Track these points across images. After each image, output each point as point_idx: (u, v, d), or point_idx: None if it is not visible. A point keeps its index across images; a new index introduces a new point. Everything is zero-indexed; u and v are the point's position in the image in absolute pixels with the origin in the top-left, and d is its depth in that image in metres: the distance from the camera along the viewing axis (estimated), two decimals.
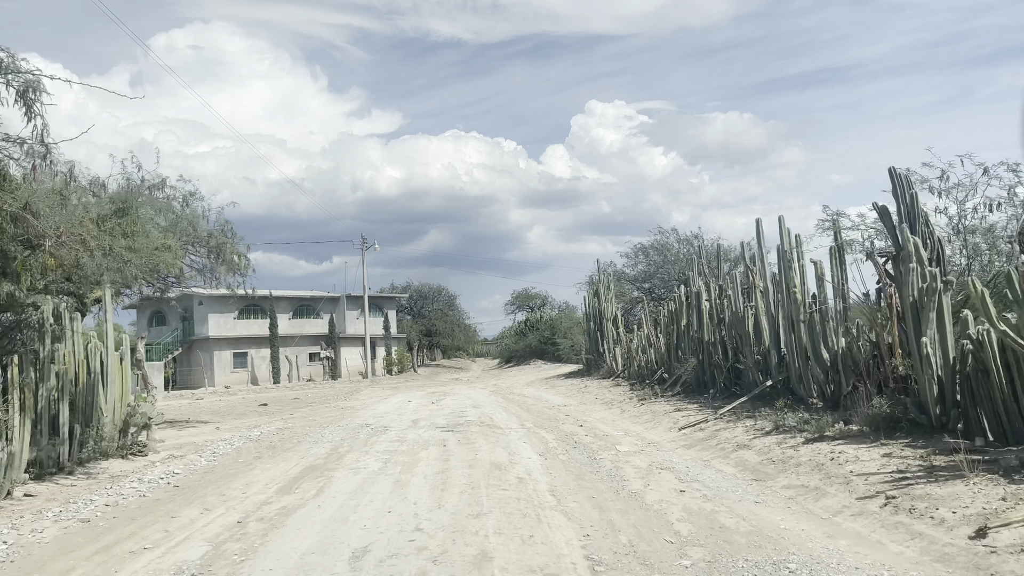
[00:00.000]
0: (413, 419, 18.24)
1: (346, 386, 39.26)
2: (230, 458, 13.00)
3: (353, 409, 22.50)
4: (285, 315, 50.48)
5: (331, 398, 28.29)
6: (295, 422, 19.21)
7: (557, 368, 47.93)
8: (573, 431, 15.26)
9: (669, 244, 34.45)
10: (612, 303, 30.97)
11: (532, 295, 67.58)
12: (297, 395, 31.24)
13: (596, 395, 22.99)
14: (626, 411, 17.89)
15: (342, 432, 16.06)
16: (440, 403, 23.53)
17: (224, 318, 47.63)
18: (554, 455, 11.97)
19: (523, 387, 31.82)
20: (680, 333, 20.19)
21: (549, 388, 29.28)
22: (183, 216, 18.00)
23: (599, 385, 26.20)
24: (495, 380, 41.70)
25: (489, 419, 17.86)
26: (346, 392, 31.79)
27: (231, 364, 47.48)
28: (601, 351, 30.70)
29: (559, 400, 23.34)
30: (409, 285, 61.65)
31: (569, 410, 19.91)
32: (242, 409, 24.53)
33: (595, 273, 35.89)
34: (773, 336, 14.19)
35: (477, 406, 21.86)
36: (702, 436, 12.54)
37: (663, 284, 34.66)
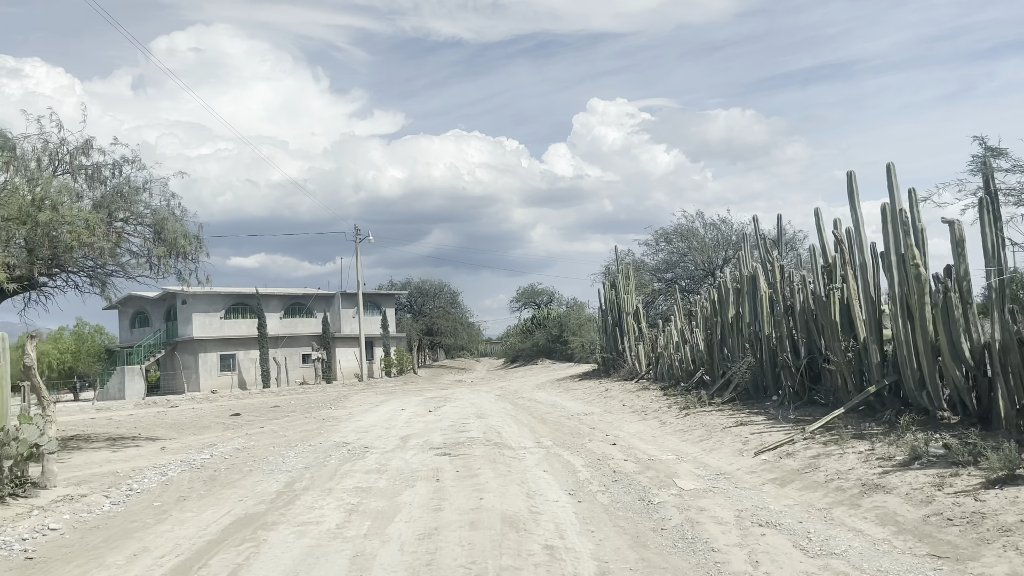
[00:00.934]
0: (403, 435, 14.72)
1: (338, 390, 35.76)
2: (147, 499, 9.50)
3: (335, 420, 18.99)
4: (276, 314, 47.03)
5: (316, 405, 24.80)
6: (261, 439, 15.71)
7: (568, 368, 44.38)
8: (606, 452, 11.73)
9: (694, 230, 30.85)
10: (632, 295, 27.42)
11: (538, 291, 64.00)
12: (279, 402, 27.76)
13: (622, 401, 19.43)
14: (667, 423, 14.32)
15: (310, 455, 12.54)
16: (438, 411, 20.02)
17: (210, 318, 44.19)
18: (590, 496, 8.45)
19: (533, 390, 28.29)
20: (726, 327, 16.63)
21: (563, 392, 25.73)
22: (116, 186, 14.48)
23: (622, 388, 22.64)
24: (501, 382, 38.16)
25: (496, 434, 14.34)
26: (334, 398, 28.32)
27: (217, 367, 44.04)
28: (621, 349, 27.18)
29: (578, 407, 19.80)
30: (409, 282, 58.20)
31: (593, 420, 16.38)
32: (209, 420, 21.06)
33: (612, 262, 32.35)
34: (873, 326, 10.62)
35: (481, 415, 18.34)
36: (795, 465, 8.98)
37: (687, 274, 31.05)
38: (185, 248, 14.97)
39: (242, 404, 27.54)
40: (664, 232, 32.47)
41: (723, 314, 16.77)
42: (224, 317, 44.96)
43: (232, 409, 25.07)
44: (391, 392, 31.26)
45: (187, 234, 15.00)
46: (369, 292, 50.88)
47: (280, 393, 35.30)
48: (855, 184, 10.96)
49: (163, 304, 45.76)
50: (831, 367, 11.15)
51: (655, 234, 32.66)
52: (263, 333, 43.76)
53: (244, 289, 45.96)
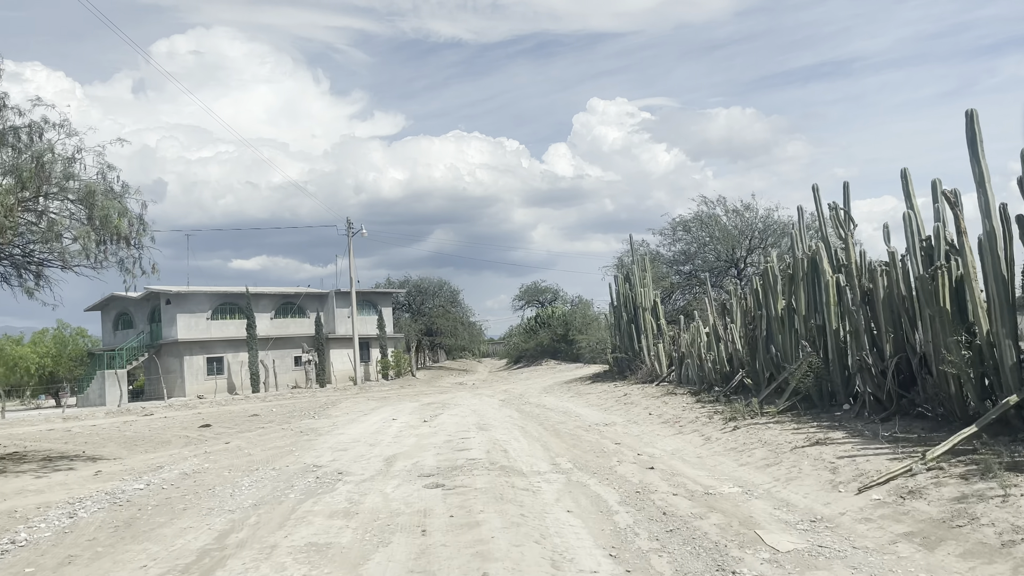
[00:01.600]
0: (389, 455, 12.03)
1: (329, 395, 33.06)
2: (19, 563, 6.84)
3: (315, 434, 16.30)
4: (266, 314, 44.36)
5: (299, 413, 22.11)
6: (220, 459, 13.02)
7: (575, 369, 41.67)
8: (645, 480, 9.05)
9: (716, 217, 28.00)
10: (649, 289, 24.71)
11: (542, 289, 61.23)
12: (261, 409, 25.05)
13: (647, 408, 16.72)
14: (712, 438, 11.61)
15: (268, 485, 9.86)
16: (435, 421, 17.34)
17: (195, 319, 41.53)
18: (643, 561, 5.78)
19: (540, 394, 25.60)
20: (773, 321, 13.91)
21: (575, 396, 23.03)
22: (36, 152, 11.79)
23: (643, 393, 19.93)
24: (505, 384, 35.47)
25: (502, 452, 11.66)
26: (322, 404, 25.62)
27: (204, 371, 41.37)
28: (637, 349, 24.47)
29: (596, 415, 17.11)
30: (407, 280, 55.36)
31: (617, 433, 13.68)
32: (174, 433, 18.38)
33: (625, 253, 29.58)
34: (1006, 315, 7.91)
35: (484, 427, 15.66)
36: (934, 513, 6.28)
37: (707, 266, 28.24)
38: (122, 230, 12.26)
39: (219, 412, 24.85)
40: (682, 220, 29.75)
41: (770, 306, 14.05)
42: (211, 318, 42.30)
43: (207, 418, 22.38)
44: (385, 397, 28.58)
45: (125, 212, 12.30)
46: (364, 290, 48.20)
47: (267, 398, 32.60)
48: (977, 126, 8.24)
49: (147, 305, 43.10)
50: (946, 368, 8.41)
51: (672, 223, 29.86)
52: (252, 334, 41.09)
53: (232, 288, 43.32)
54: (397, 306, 56.00)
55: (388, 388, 36.69)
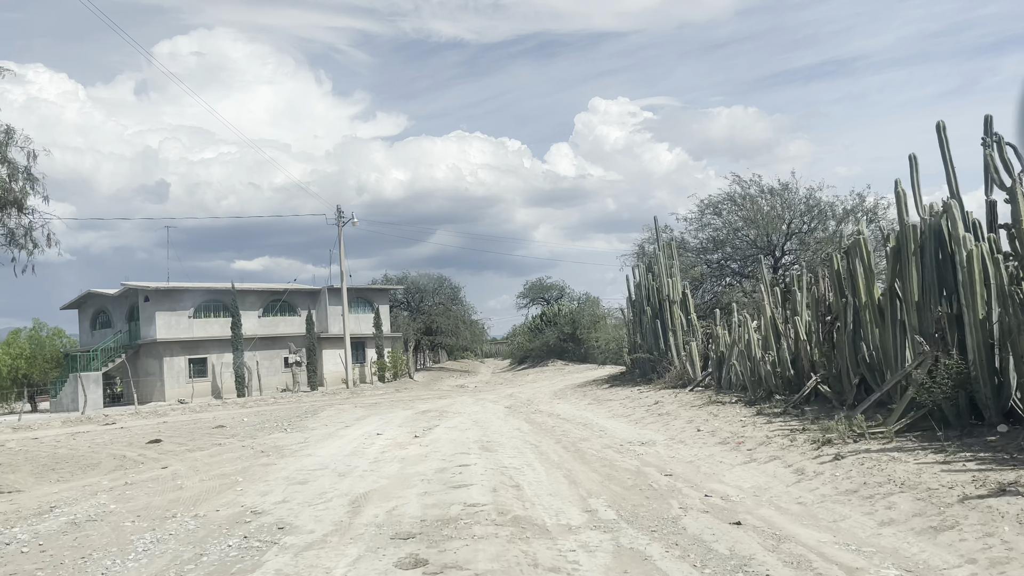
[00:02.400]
0: (358, 494, 8.72)
1: (316, 400, 29.76)
2: None
3: (278, 453, 13.01)
4: (253, 312, 41.08)
5: (272, 424, 18.80)
6: (134, 497, 9.73)
7: (586, 370, 38.36)
8: (736, 546, 5.77)
9: (752, 197, 24.44)
10: (678, 279, 21.37)
11: (547, 285, 57.82)
12: (231, 419, 21.71)
13: (690, 420, 13.39)
14: (805, 470, 8.28)
15: (166, 555, 6.59)
16: (427, 437, 14.06)
17: (176, 317, 38.26)
18: None
19: (551, 400, 22.29)
20: (869, 311, 10.58)
21: (593, 403, 19.70)
22: None
23: (677, 400, 16.60)
24: (510, 388, 32.16)
25: (514, 491, 8.38)
26: (304, 412, 22.30)
27: (186, 373, 38.08)
28: (664, 348, 21.14)
29: (626, 429, 13.79)
30: (405, 276, 51.99)
31: (661, 457, 10.37)
32: (110, 452, 15.09)
33: (648, 239, 26.15)
34: None
35: (488, 446, 12.37)
36: None
37: (740, 255, 24.79)
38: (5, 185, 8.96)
39: (184, 422, 21.55)
40: (711, 202, 26.41)
41: (859, 292, 10.71)
42: (194, 316, 39.02)
43: (167, 430, 19.11)
44: (375, 404, 25.25)
45: (5, 160, 9.00)
46: (359, 287, 44.95)
47: (247, 404, 29.28)
48: None
49: (125, 302, 39.87)
50: None
51: (700, 205, 26.45)
52: (237, 334, 37.81)
53: (217, 284, 40.06)
54: (395, 304, 52.74)
55: (382, 392, 33.38)
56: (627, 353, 27.97)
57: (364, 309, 45.05)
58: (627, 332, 27.59)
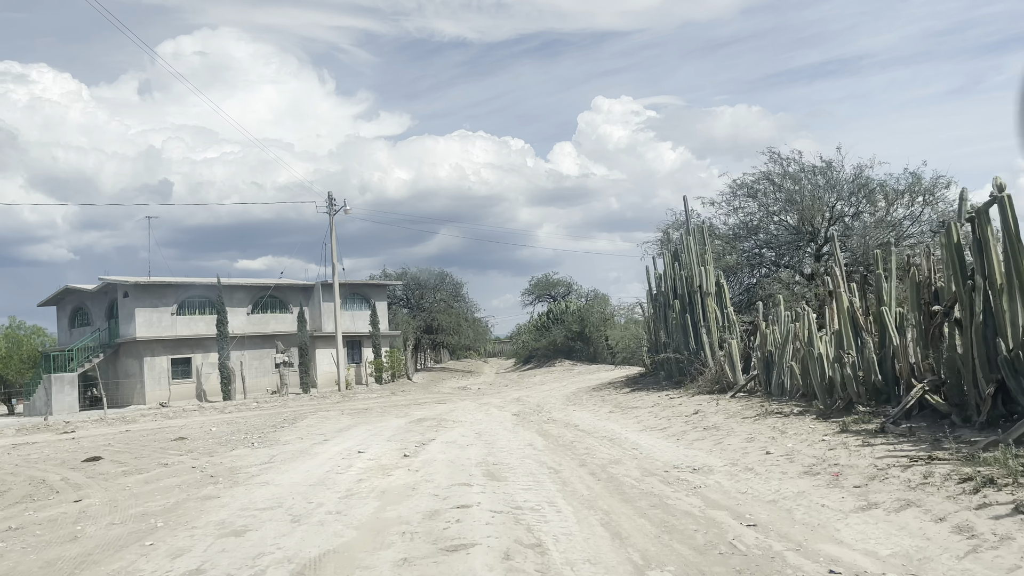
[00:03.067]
0: (305, 562, 5.95)
1: (303, 404, 27.00)
2: None
3: (230, 480, 10.24)
4: (242, 309, 38.37)
5: (240, 436, 16.02)
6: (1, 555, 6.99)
7: (596, 371, 35.60)
8: None
9: (794, 176, 21.30)
10: (711, 267, 18.55)
11: (554, 281, 54.96)
12: (198, 428, 18.89)
13: (751, 438, 10.58)
14: (983, 535, 5.51)
15: None
16: (420, 456, 11.31)
17: (157, 314, 35.54)
18: None
19: (564, 405, 19.52)
20: (1009, 298, 7.79)
21: (616, 411, 16.90)
22: None
23: (722, 409, 13.78)
24: (516, 390, 29.40)
25: (537, 559, 5.59)
26: (283, 420, 19.50)
27: (168, 374, 35.34)
28: (695, 347, 18.35)
29: (666, 448, 11.00)
30: (405, 272, 49.17)
31: (729, 494, 7.60)
32: (32, 473, 12.32)
33: (673, 225, 23.17)
34: None
35: (494, 473, 9.60)
36: None
37: (776, 241, 21.81)
38: None
39: (142, 432, 18.79)
40: (744, 183, 23.05)
41: (994, 273, 7.92)
42: (177, 313, 36.30)
43: (119, 442, 16.38)
44: (366, 409, 22.46)
45: None
46: (354, 282, 42.22)
47: (226, 409, 26.51)
48: None
49: (104, 298, 37.18)
50: None
51: (732, 185, 23.11)
52: (223, 332, 35.08)
53: (201, 279, 37.33)
54: (394, 301, 49.97)
55: (377, 395, 30.58)
56: (647, 353, 25.21)
57: (360, 306, 42.32)
58: (647, 329, 24.82)
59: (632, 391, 20.12)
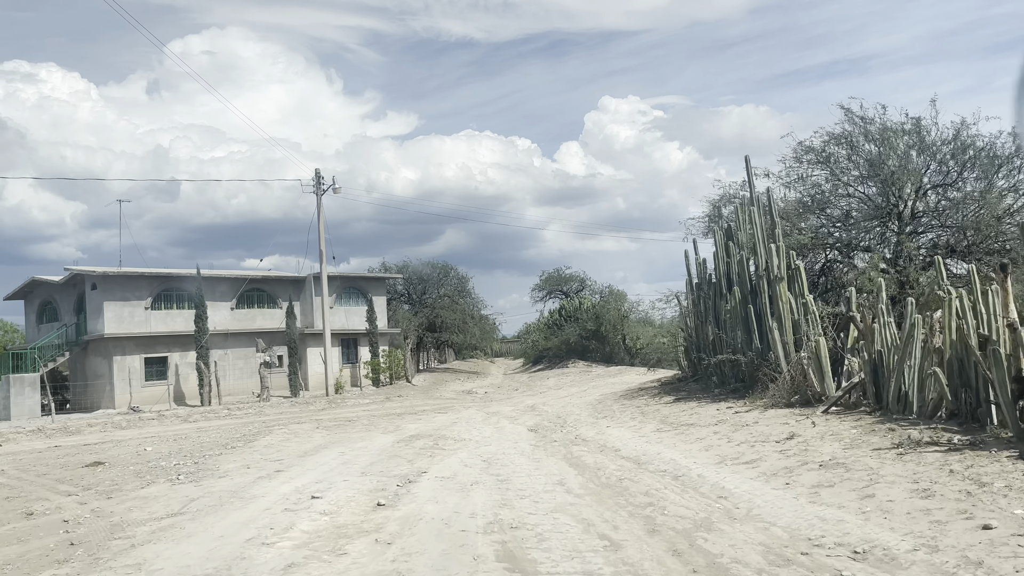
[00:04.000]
0: None
1: (281, 412, 23.12)
2: None
3: (99, 550, 6.40)
4: (225, 303, 34.60)
5: (178, 460, 12.16)
6: None
7: (617, 373, 31.64)
8: None
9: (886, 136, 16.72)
10: (783, 247, 14.47)
11: (566, 277, 50.94)
12: (131, 443, 15.04)
13: (926, 490, 6.68)
14: None
15: None
16: (401, 503, 7.43)
17: (129, 308, 31.76)
18: None
19: (593, 417, 15.62)
20: None
21: (665, 428, 12.92)
22: None
23: (824, 432, 9.82)
24: (529, 395, 25.48)
25: None
26: (244, 435, 15.58)
27: (142, 374, 31.56)
28: (761, 346, 14.38)
29: (782, 502, 7.09)
30: (406, 265, 45.27)
31: None
32: None
33: (725, 198, 19.02)
34: None
35: (515, 552, 5.68)
36: None
37: (853, 218, 17.31)
38: None
39: (64, 449, 14.91)
40: (812, 146, 17.62)
41: None
42: (151, 307, 32.51)
43: (13, 466, 12.55)
44: (351, 420, 18.53)
45: None
46: (350, 275, 38.45)
47: (190, 417, 22.62)
48: None
49: (73, 291, 33.45)
50: None
51: (796, 149, 17.89)
52: (201, 328, 31.24)
53: (179, 271, 33.57)
54: (394, 296, 46.13)
55: (369, 400, 26.68)
56: (683, 353, 21.31)
57: (357, 301, 38.50)
58: (684, 326, 20.89)
59: (676, 400, 16.17)
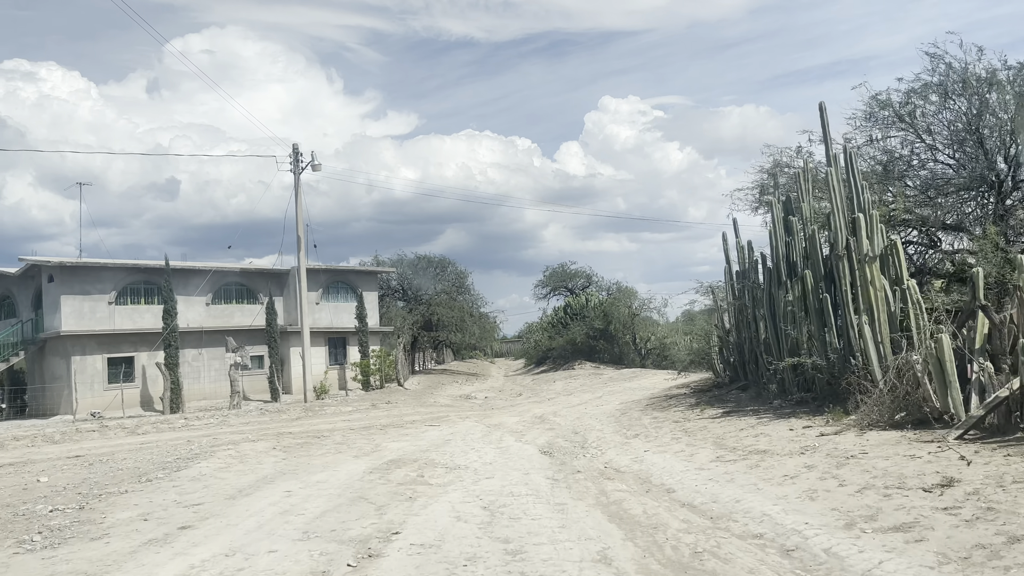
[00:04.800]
0: None
1: (248, 421, 19.74)
2: None
3: None
4: (200, 298, 31.29)
5: (67, 495, 8.90)
6: None
7: (632, 377, 28.29)
8: None
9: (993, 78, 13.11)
10: (875, 219, 10.94)
11: (571, 272, 47.61)
12: (11, 471, 11.72)
13: None
14: None
15: None
16: None
17: (90, 303, 28.46)
18: None
19: (622, 436, 12.33)
20: None
21: (729, 456, 9.61)
22: None
23: (1002, 475, 6.55)
24: (535, 401, 22.17)
25: None
26: (182, 456, 12.23)
27: (104, 376, 28.21)
28: (844, 347, 10.99)
29: None
30: (401, 258, 41.93)
31: None
32: None
33: (781, 165, 15.46)
34: None
35: None
36: None
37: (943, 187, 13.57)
38: None
39: None
40: (889, 101, 14.17)
41: None
42: (116, 302, 29.20)
43: None
44: (321, 435, 15.16)
45: None
46: (338, 267, 35.13)
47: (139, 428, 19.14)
48: None
49: (30, 284, 30.10)
50: None
51: (870, 104, 14.44)
52: (171, 326, 27.92)
53: (147, 262, 30.20)
54: (388, 292, 42.79)
55: (352, 407, 23.34)
56: (718, 354, 18.02)
57: (346, 296, 35.18)
58: (721, 323, 17.60)
59: (725, 414, 12.86)
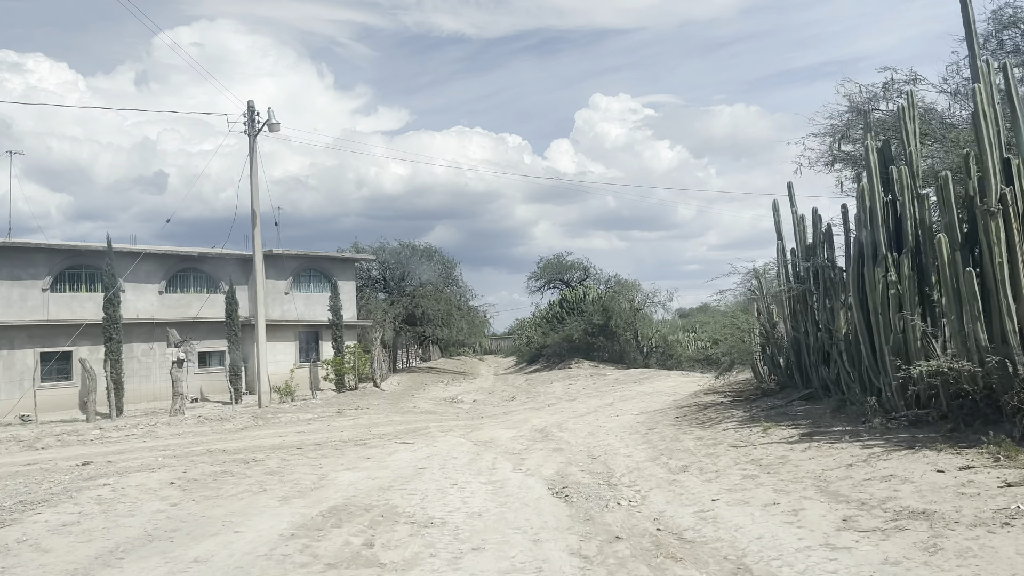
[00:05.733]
0: None
1: (179, 433, 15.91)
2: None
3: None
4: (152, 286, 27.48)
5: None
6: None
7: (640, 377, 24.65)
8: None
9: None
10: None
11: (568, 264, 44.00)
12: None
13: None
14: None
15: None
16: None
17: (19, 289, 24.60)
18: None
19: (663, 468, 8.73)
20: None
21: (862, 518, 5.91)
22: None
23: None
24: (532, 408, 18.49)
25: None
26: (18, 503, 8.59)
27: (36, 373, 24.31)
28: (990, 343, 7.53)
29: None
30: (383, 246, 38.05)
31: None
32: None
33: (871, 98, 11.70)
34: None
35: None
36: None
37: None
38: None
39: None
40: (1017, 18, 10.12)
41: None
42: (51, 289, 25.35)
43: None
44: (250, 461, 11.39)
45: None
46: (310, 254, 31.38)
47: (39, 441, 15.29)
48: None
49: None
50: None
51: (994, 21, 10.37)
52: (112, 316, 24.03)
53: (88, 244, 26.37)
54: (369, 283, 39.02)
55: (311, 416, 19.53)
56: (760, 355, 14.44)
57: (319, 286, 31.41)
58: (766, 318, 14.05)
59: (803, 437, 9.23)
